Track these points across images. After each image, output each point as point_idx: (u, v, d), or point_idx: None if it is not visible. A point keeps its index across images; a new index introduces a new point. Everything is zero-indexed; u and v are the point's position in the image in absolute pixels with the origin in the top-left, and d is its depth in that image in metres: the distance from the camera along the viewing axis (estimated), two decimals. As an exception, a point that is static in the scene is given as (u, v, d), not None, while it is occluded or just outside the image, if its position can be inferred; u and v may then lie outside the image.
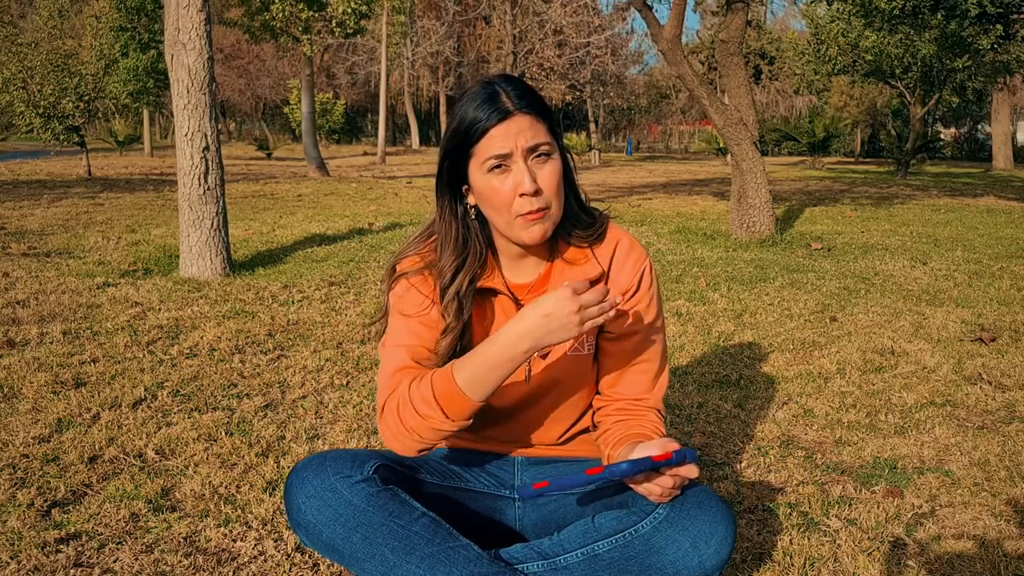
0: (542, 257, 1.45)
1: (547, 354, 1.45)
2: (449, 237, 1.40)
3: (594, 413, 1.53)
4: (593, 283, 1.43)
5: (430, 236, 1.45)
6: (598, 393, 1.52)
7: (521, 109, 1.30)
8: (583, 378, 1.48)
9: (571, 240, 1.43)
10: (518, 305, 1.43)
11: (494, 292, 1.43)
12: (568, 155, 1.41)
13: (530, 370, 1.45)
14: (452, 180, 1.37)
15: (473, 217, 1.40)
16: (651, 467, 1.21)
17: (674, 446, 1.24)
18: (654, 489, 1.26)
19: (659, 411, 1.48)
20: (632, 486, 1.28)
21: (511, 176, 1.31)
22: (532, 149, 1.31)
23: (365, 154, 28.27)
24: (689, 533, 1.25)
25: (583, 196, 1.46)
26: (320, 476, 1.30)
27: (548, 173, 1.33)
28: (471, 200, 1.38)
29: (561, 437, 1.53)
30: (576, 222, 1.43)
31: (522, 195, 1.31)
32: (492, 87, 1.32)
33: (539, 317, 1.22)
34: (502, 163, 1.30)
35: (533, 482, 1.24)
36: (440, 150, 1.37)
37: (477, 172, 1.33)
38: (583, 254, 1.43)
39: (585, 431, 1.55)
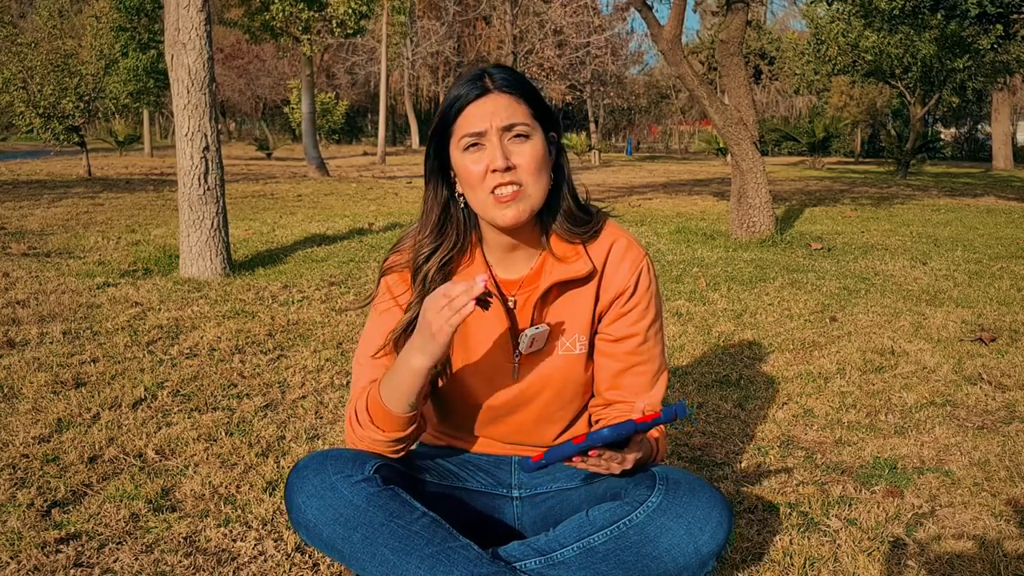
0: (532, 247, 1.43)
1: (536, 351, 1.44)
2: (430, 221, 1.41)
3: (591, 415, 1.53)
4: (582, 281, 1.43)
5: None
6: (594, 395, 1.51)
7: (500, 88, 1.32)
8: (576, 379, 1.47)
9: (563, 236, 1.42)
10: (505, 302, 1.43)
11: None
12: (562, 144, 1.42)
13: (517, 367, 1.44)
14: (437, 162, 1.38)
15: (462, 206, 1.40)
16: (634, 429, 1.19)
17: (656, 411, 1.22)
18: (607, 465, 1.27)
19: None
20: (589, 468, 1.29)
21: (484, 153, 1.31)
22: (508, 128, 1.31)
23: (365, 154, 28.26)
24: (683, 520, 1.25)
25: (582, 193, 1.45)
26: (320, 475, 1.30)
27: (525, 151, 1.32)
28: (459, 188, 1.38)
29: (556, 438, 1.52)
30: (569, 217, 1.42)
31: (493, 171, 1.30)
32: (481, 72, 1.35)
33: (419, 326, 1.26)
34: (477, 141, 1.31)
35: (532, 457, 1.26)
36: (429, 133, 1.39)
37: (456, 151, 1.34)
38: (575, 250, 1.42)
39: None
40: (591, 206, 1.47)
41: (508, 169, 1.30)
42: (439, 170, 1.39)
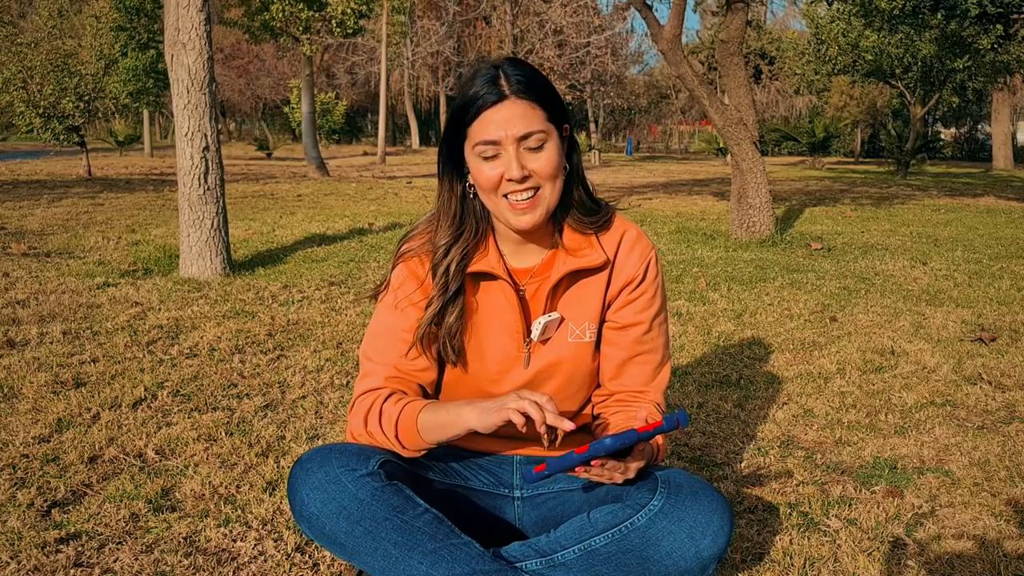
0: (545, 243, 1.45)
1: (547, 340, 1.45)
2: (447, 214, 1.41)
3: (594, 407, 1.53)
4: (595, 270, 1.44)
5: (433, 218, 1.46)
6: (599, 386, 1.52)
7: (517, 94, 1.30)
8: (584, 367, 1.48)
9: (575, 227, 1.43)
10: (517, 290, 1.43)
11: (492, 277, 1.43)
12: (574, 138, 1.41)
13: (529, 355, 1.45)
14: (452, 158, 1.38)
15: (472, 196, 1.41)
16: (636, 439, 1.19)
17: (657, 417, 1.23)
18: (609, 475, 1.27)
19: (659, 405, 1.48)
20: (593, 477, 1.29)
21: (500, 161, 1.31)
22: (524, 137, 1.30)
23: (365, 154, 28.25)
24: (685, 524, 1.25)
25: (590, 186, 1.46)
26: (325, 468, 1.30)
27: (541, 158, 1.32)
28: (471, 179, 1.39)
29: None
30: (581, 208, 1.43)
31: (509, 180, 1.31)
32: (497, 69, 1.32)
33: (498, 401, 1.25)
34: (492, 149, 1.31)
35: (534, 466, 1.26)
36: (443, 129, 1.38)
37: (470, 153, 1.34)
38: (587, 241, 1.43)
39: (586, 427, 1.55)
40: (599, 199, 1.48)
41: (524, 179, 1.31)
42: (453, 165, 1.39)
